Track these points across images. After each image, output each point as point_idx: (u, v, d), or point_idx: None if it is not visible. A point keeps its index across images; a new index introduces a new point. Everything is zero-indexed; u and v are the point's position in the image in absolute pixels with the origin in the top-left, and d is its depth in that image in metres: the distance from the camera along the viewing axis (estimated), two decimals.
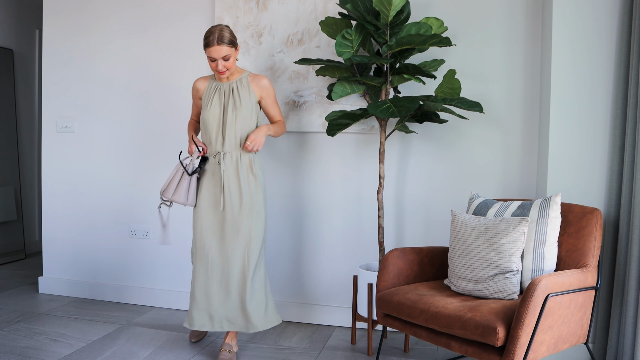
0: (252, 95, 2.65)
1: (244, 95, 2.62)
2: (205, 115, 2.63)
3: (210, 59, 2.54)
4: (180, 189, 2.63)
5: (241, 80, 2.65)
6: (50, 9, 3.67)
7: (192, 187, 2.65)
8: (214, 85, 2.66)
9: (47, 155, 3.74)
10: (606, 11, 2.54)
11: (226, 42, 2.51)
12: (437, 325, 2.10)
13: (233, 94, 2.62)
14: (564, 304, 2.04)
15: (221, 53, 2.51)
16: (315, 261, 3.24)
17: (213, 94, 2.64)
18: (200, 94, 2.72)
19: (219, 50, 2.50)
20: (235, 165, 2.61)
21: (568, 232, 2.31)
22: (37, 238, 5.10)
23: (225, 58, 2.53)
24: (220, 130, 2.62)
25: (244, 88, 2.63)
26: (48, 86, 3.71)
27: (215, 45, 2.49)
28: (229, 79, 2.66)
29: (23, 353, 2.68)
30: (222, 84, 2.66)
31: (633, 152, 2.41)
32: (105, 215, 3.62)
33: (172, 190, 2.64)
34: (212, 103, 2.62)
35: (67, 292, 3.71)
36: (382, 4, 2.56)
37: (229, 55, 2.54)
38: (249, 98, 2.63)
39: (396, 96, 2.68)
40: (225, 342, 2.70)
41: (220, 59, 2.53)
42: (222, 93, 2.63)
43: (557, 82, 2.62)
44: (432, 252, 2.59)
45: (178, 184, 2.63)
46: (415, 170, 3.08)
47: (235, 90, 2.62)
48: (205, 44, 2.53)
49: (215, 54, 2.51)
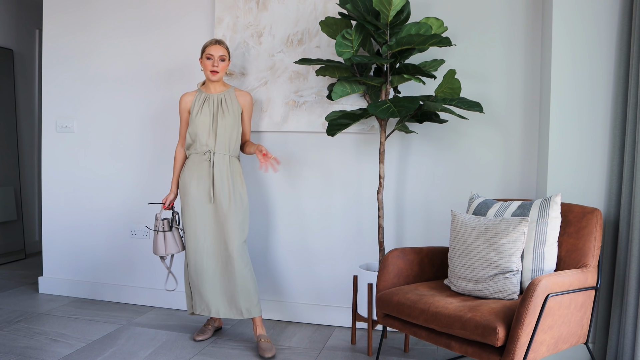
0: (237, 106, 2.90)
1: (230, 105, 2.87)
2: (196, 121, 2.84)
3: (208, 56, 2.81)
4: (168, 242, 2.91)
5: (228, 93, 2.90)
6: (50, 8, 3.67)
7: (177, 236, 2.94)
8: (202, 97, 2.88)
9: (47, 155, 3.74)
10: (606, 11, 2.54)
11: (224, 46, 2.86)
12: (437, 325, 2.10)
13: (221, 104, 2.86)
14: (564, 304, 2.05)
15: (219, 52, 2.82)
16: (315, 261, 3.24)
17: (202, 103, 2.87)
18: (188, 105, 2.93)
19: (218, 49, 2.82)
20: (226, 166, 2.82)
21: (568, 232, 2.31)
22: (37, 238, 5.10)
23: (222, 58, 2.83)
24: (212, 134, 2.83)
25: (231, 99, 2.89)
26: (48, 86, 3.71)
27: (215, 44, 2.83)
28: (217, 91, 2.89)
29: (23, 353, 2.68)
30: (210, 95, 2.88)
31: (633, 152, 2.41)
32: (105, 215, 3.62)
33: (162, 248, 2.91)
34: (202, 111, 2.85)
35: (67, 292, 3.71)
36: (382, 4, 2.56)
37: (225, 56, 2.84)
38: (236, 109, 2.88)
39: (396, 96, 2.68)
40: (258, 333, 2.84)
41: (217, 57, 2.80)
42: (211, 103, 2.86)
43: (557, 82, 2.62)
44: (432, 252, 2.59)
45: (165, 240, 2.91)
46: (415, 170, 3.08)
47: (223, 101, 2.87)
48: (206, 45, 2.84)
49: (214, 51, 2.81)
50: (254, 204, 3.31)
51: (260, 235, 3.32)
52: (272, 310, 3.31)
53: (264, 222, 3.31)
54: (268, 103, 3.23)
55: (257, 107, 3.25)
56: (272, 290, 3.32)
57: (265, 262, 3.32)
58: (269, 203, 3.29)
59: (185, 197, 2.84)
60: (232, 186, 2.80)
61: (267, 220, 3.31)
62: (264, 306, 3.30)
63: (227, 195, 2.79)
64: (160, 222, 2.91)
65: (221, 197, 2.78)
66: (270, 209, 3.29)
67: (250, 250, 3.32)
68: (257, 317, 2.84)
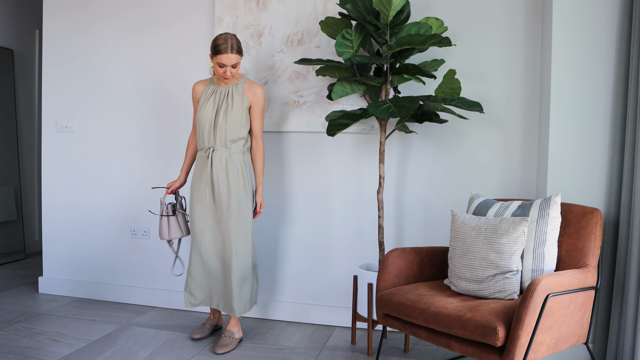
0: (245, 101, 2.78)
1: (236, 100, 2.77)
2: (199, 115, 2.79)
3: (220, 64, 2.68)
4: (172, 227, 2.91)
5: (237, 86, 2.79)
6: (50, 8, 3.67)
7: (181, 221, 2.95)
8: (211, 89, 2.82)
9: (47, 155, 3.74)
10: (606, 11, 2.54)
11: (238, 52, 2.69)
12: (437, 325, 2.10)
13: (227, 98, 2.77)
14: (564, 304, 2.05)
15: (232, 61, 2.67)
16: (315, 261, 3.24)
17: (209, 96, 2.80)
18: (198, 95, 2.87)
19: (231, 58, 2.66)
20: (224, 163, 2.77)
21: (568, 232, 2.31)
22: (37, 238, 5.10)
23: (234, 66, 2.70)
24: (212, 129, 2.77)
25: (238, 94, 2.78)
26: (48, 86, 3.71)
27: (228, 53, 2.65)
28: (227, 83, 2.80)
29: (23, 353, 2.68)
30: (219, 87, 2.80)
31: (633, 152, 2.41)
32: (105, 215, 3.62)
33: (166, 232, 2.91)
34: (207, 104, 2.78)
35: (67, 292, 3.71)
36: (382, 4, 2.56)
37: (238, 63, 2.71)
38: (241, 104, 2.77)
39: (396, 96, 2.68)
40: (227, 328, 2.86)
41: (229, 66, 2.68)
42: (218, 96, 2.79)
43: (557, 82, 2.62)
44: (432, 252, 2.59)
45: (168, 225, 2.91)
46: (415, 170, 3.08)
47: (229, 94, 2.77)
48: (217, 51, 2.66)
49: (227, 61, 2.66)
50: None
51: (260, 236, 3.32)
52: (272, 310, 3.31)
53: (264, 222, 3.31)
54: (268, 103, 3.23)
55: None
56: (272, 290, 3.32)
57: (265, 262, 3.32)
58: (268, 203, 3.29)
59: (191, 194, 2.86)
60: (228, 185, 2.76)
61: (267, 220, 3.31)
62: (264, 306, 3.31)
63: (227, 194, 2.76)
64: (164, 207, 2.90)
65: (220, 196, 2.77)
66: (270, 209, 3.29)
67: None
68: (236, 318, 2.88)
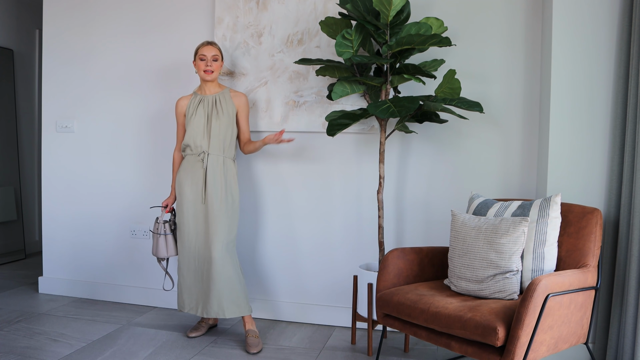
0: (232, 107, 2.94)
1: (225, 106, 2.91)
2: (191, 122, 2.89)
3: (201, 57, 2.87)
4: (169, 245, 2.97)
5: (223, 94, 2.94)
6: (50, 8, 3.67)
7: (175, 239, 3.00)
8: (197, 99, 2.93)
9: (47, 155, 3.74)
10: (606, 11, 2.54)
11: (216, 46, 2.91)
12: (437, 326, 2.10)
13: (216, 105, 2.90)
14: (564, 304, 2.05)
15: (212, 52, 2.87)
16: (315, 261, 3.24)
17: (197, 105, 2.91)
18: (184, 109, 2.99)
19: (210, 49, 2.88)
20: (220, 167, 2.87)
21: (568, 232, 2.31)
22: (37, 238, 5.10)
23: (214, 58, 2.88)
24: (206, 135, 2.87)
25: (225, 101, 2.93)
26: (48, 86, 3.71)
27: (207, 45, 2.89)
28: (211, 92, 2.93)
29: (23, 353, 2.68)
30: (205, 97, 2.92)
31: (633, 152, 2.41)
32: (105, 215, 3.62)
33: (163, 250, 2.96)
34: (197, 113, 2.89)
35: (67, 292, 3.71)
36: (382, 4, 2.56)
37: (218, 56, 2.89)
38: (230, 109, 2.93)
39: (396, 96, 2.68)
40: (248, 328, 2.88)
41: (210, 57, 2.85)
42: (206, 104, 2.91)
43: (557, 82, 2.62)
44: (432, 252, 2.59)
45: (166, 243, 2.96)
46: (415, 170, 3.08)
47: (217, 102, 2.91)
48: (198, 47, 2.90)
49: (207, 52, 2.87)
50: (253, 205, 3.31)
51: (260, 236, 3.32)
52: (272, 311, 3.31)
53: (264, 222, 3.31)
54: (268, 103, 3.23)
55: (257, 107, 3.25)
56: (273, 290, 3.32)
57: (265, 263, 3.32)
58: (269, 203, 3.29)
59: (180, 196, 2.91)
60: (224, 188, 2.85)
61: (268, 220, 3.31)
62: (264, 306, 3.31)
63: (219, 196, 2.83)
64: (161, 225, 2.96)
65: (213, 199, 2.82)
66: (271, 209, 3.29)
67: (249, 251, 3.32)
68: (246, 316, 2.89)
